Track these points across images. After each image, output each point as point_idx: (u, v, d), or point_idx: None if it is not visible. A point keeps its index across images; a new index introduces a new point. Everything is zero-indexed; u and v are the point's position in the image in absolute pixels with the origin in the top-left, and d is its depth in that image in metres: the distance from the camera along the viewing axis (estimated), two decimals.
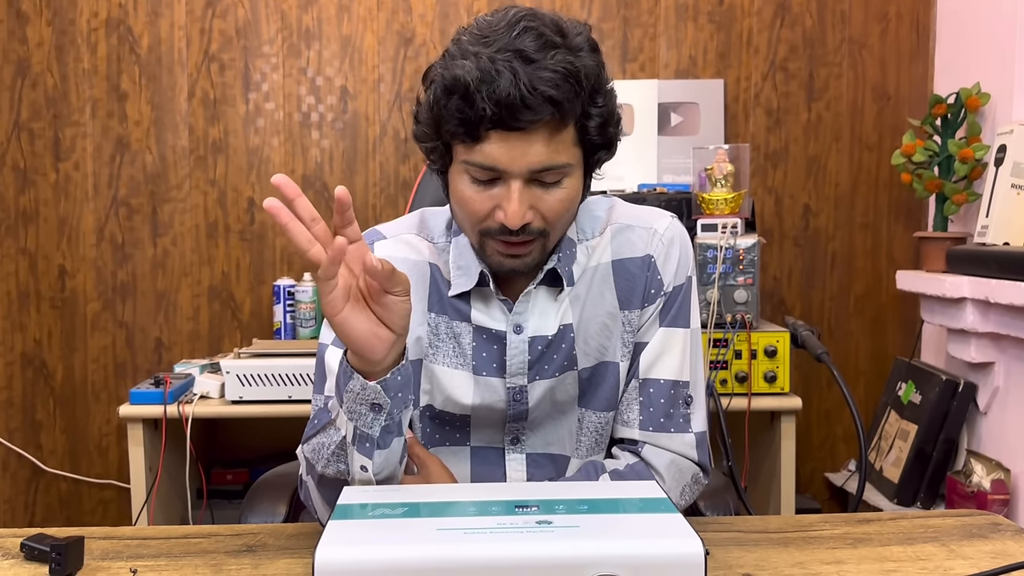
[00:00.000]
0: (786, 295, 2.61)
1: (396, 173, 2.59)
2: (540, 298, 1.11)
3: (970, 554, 0.98)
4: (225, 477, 2.47)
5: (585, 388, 1.13)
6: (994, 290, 1.91)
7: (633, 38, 2.57)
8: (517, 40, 0.94)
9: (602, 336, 1.12)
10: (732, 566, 0.95)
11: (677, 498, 1.11)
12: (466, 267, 1.10)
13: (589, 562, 0.77)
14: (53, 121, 2.56)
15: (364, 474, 0.98)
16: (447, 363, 1.12)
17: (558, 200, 1.01)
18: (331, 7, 2.56)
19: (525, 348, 1.10)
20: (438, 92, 0.98)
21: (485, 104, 0.93)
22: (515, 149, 0.96)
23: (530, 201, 0.99)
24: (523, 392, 1.11)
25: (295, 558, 0.98)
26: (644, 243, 1.12)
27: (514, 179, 0.98)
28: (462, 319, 1.11)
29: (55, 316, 2.59)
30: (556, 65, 0.94)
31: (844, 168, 2.59)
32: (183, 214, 2.58)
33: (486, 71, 0.93)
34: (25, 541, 0.96)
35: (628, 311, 1.12)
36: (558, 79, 0.94)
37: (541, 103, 0.94)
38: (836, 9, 2.56)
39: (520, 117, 0.94)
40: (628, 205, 1.18)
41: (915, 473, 2.17)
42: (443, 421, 1.14)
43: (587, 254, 1.13)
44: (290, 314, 2.44)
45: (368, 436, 0.95)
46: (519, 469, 1.15)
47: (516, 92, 0.92)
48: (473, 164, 0.99)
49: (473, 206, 1.01)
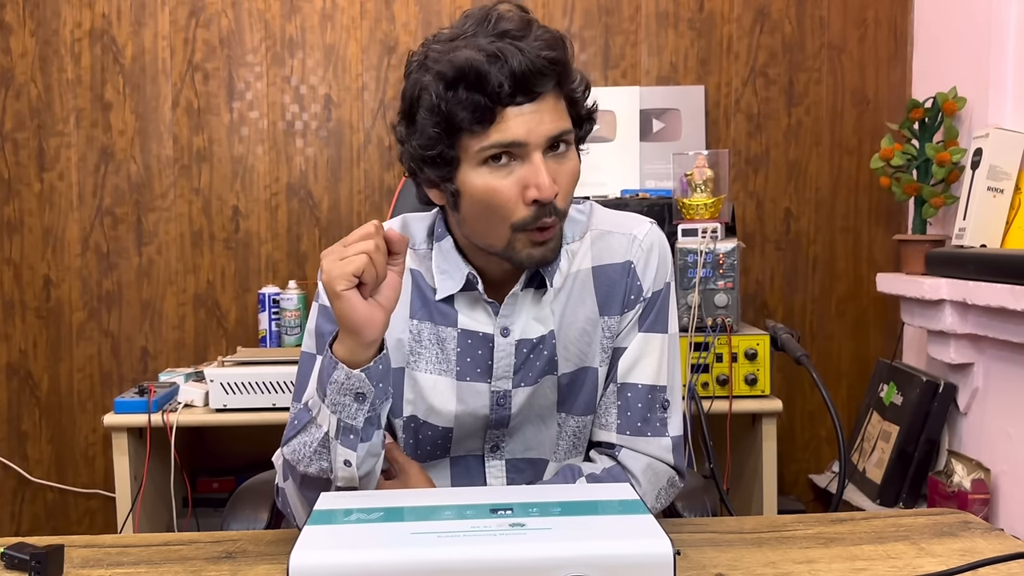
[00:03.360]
0: (768, 298, 2.63)
1: (381, 181, 2.60)
2: (525, 301, 1.12)
3: (939, 552, 1.00)
4: (211, 485, 2.48)
5: (565, 394, 1.14)
6: (972, 292, 1.93)
7: (615, 45, 2.59)
8: (498, 26, 1.00)
9: (582, 342, 1.13)
10: (705, 566, 0.96)
11: (652, 501, 1.13)
12: (450, 271, 1.11)
13: (560, 563, 0.78)
14: (37, 131, 2.56)
15: (347, 469, 0.99)
16: (429, 369, 1.13)
17: (569, 172, 1.05)
18: (314, 16, 2.57)
19: (512, 351, 1.11)
20: (440, 89, 0.99)
21: (502, 79, 0.97)
22: (531, 120, 1.00)
23: (552, 174, 1.02)
24: (507, 397, 1.12)
25: (274, 564, 0.99)
26: (624, 249, 1.14)
27: (535, 150, 1.01)
28: (448, 324, 1.12)
29: (40, 326, 2.59)
30: (543, 35, 1.01)
31: (824, 172, 2.61)
32: (168, 223, 2.58)
33: (491, 52, 0.97)
34: (5, 550, 0.96)
35: (608, 316, 1.14)
36: (553, 43, 1.01)
37: (548, 67, 0.99)
38: (815, 15, 2.58)
39: (536, 85, 0.99)
40: (607, 210, 1.20)
41: (897, 474, 2.19)
42: (425, 435, 1.15)
43: (568, 259, 1.14)
44: (275, 322, 2.45)
45: (352, 427, 0.97)
46: (498, 476, 1.17)
47: (527, 61, 0.97)
48: (493, 146, 1.00)
49: (502, 195, 1.01)
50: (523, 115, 0.99)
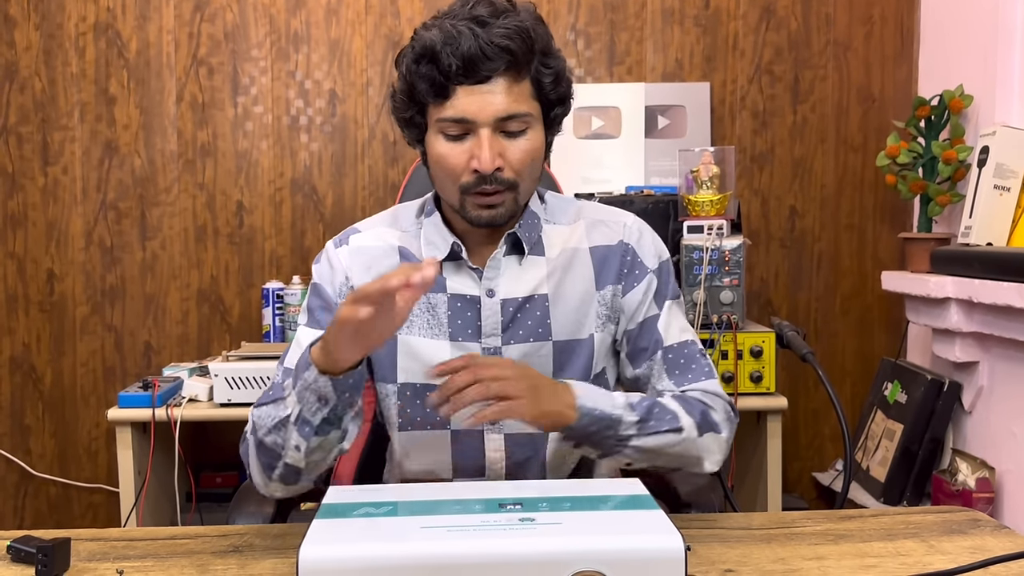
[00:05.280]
0: (773, 296, 2.62)
1: (385, 176, 2.60)
2: (507, 264, 1.21)
3: (949, 549, 1.00)
4: (214, 480, 2.47)
5: (560, 362, 1.21)
6: (978, 290, 1.93)
7: (620, 42, 2.58)
8: (473, 10, 1.10)
9: (579, 312, 1.21)
10: (715, 562, 0.96)
11: (726, 428, 1.17)
12: (436, 241, 1.21)
13: (571, 558, 0.78)
14: (41, 125, 2.56)
15: (296, 453, 1.06)
16: (423, 334, 1.20)
17: (522, 150, 1.13)
18: (319, 11, 2.57)
19: (498, 310, 1.19)
20: (409, 61, 1.13)
21: (451, 60, 1.08)
22: (481, 100, 1.09)
23: (498, 150, 1.11)
24: (497, 354, 1.19)
25: (281, 558, 0.99)
26: (617, 233, 1.25)
27: (482, 127, 1.10)
28: (437, 289, 1.20)
29: (44, 320, 2.59)
30: (508, 24, 1.09)
31: (829, 170, 2.61)
32: (172, 218, 2.58)
33: (449, 34, 1.08)
34: (11, 543, 0.96)
35: (602, 290, 1.23)
36: (511, 33, 1.08)
37: (498, 53, 1.08)
38: (821, 12, 2.58)
39: (481, 68, 1.08)
40: (591, 203, 1.31)
41: (901, 472, 2.18)
42: (423, 399, 1.20)
43: (564, 236, 1.24)
44: (279, 317, 2.45)
45: (309, 422, 1.03)
46: (498, 449, 1.20)
47: (476, 45, 1.07)
48: (446, 120, 1.11)
49: (450, 161, 1.13)
50: (473, 94, 1.09)
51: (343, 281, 1.21)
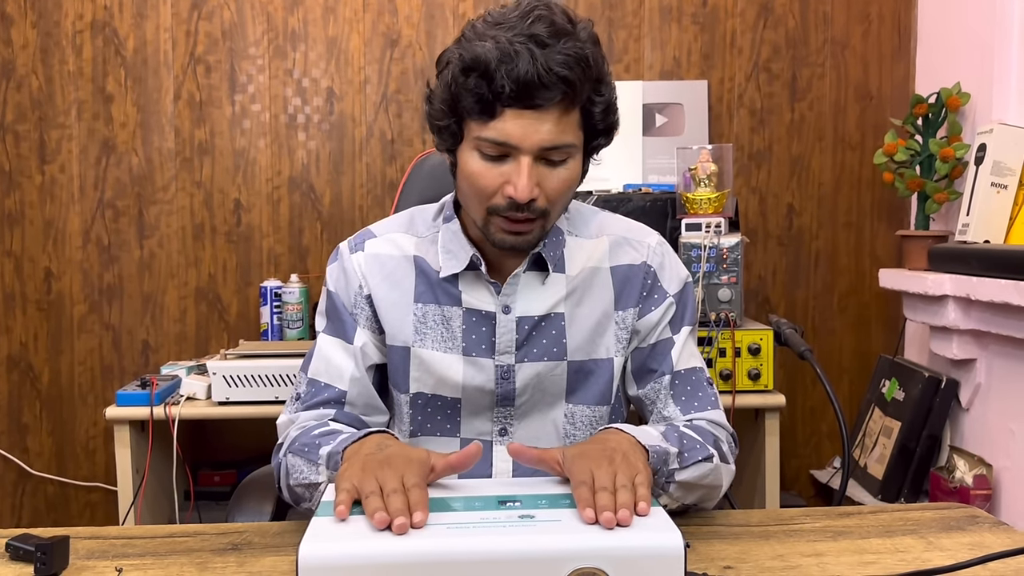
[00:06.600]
0: (770, 294, 2.62)
1: (383, 174, 2.59)
2: (527, 281, 1.18)
3: (948, 546, 1.00)
4: (212, 479, 2.47)
5: (574, 383, 1.19)
6: (975, 287, 1.93)
7: (618, 39, 2.58)
8: (532, 27, 1.01)
9: (595, 332, 1.19)
10: (714, 559, 0.96)
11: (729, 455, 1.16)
12: (455, 251, 1.17)
13: (571, 556, 0.78)
14: (38, 123, 2.55)
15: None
16: (437, 347, 1.17)
17: (561, 180, 1.08)
18: (317, 9, 2.56)
19: (513, 327, 1.17)
20: (456, 71, 1.04)
21: (505, 82, 1.00)
22: (528, 127, 1.03)
23: (537, 178, 1.06)
24: (511, 371, 1.17)
25: (281, 555, 0.99)
26: (640, 255, 1.22)
27: (524, 155, 1.04)
28: (452, 303, 1.17)
29: (41, 318, 2.58)
30: (568, 50, 1.01)
31: (827, 167, 2.61)
32: (169, 216, 2.58)
33: (505, 51, 1.00)
34: (10, 541, 0.96)
35: (623, 311, 1.20)
36: (571, 62, 1.01)
37: (555, 83, 1.01)
38: (819, 10, 2.58)
39: (536, 96, 1.01)
40: (615, 216, 1.27)
41: (899, 469, 2.19)
42: (434, 408, 1.19)
43: (587, 253, 1.20)
44: (277, 315, 2.44)
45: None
46: (506, 460, 1.19)
47: (534, 71, 1.00)
48: (487, 140, 1.05)
49: (484, 181, 1.07)
50: (522, 119, 1.03)
51: (357, 290, 1.19)
